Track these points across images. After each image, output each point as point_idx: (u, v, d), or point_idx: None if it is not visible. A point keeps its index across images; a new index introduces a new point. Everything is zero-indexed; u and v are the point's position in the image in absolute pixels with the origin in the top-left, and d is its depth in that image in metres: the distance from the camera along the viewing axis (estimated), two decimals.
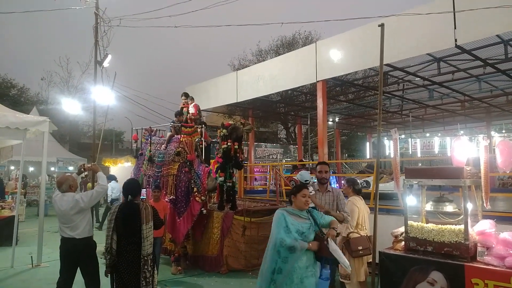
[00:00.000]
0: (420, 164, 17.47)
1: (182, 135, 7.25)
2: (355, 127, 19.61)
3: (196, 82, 12.51)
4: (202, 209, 6.82)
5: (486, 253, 4.02)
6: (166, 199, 6.96)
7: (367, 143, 19.88)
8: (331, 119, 16.86)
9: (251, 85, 9.93)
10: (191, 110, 8.01)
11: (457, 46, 6.45)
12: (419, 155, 18.18)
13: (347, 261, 3.49)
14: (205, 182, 6.77)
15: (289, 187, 8.97)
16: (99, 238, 4.75)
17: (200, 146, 7.39)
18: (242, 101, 10.79)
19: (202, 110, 12.75)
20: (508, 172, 4.03)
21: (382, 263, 4.58)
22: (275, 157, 22.33)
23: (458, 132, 16.58)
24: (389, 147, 19.97)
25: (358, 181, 6.62)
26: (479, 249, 4.13)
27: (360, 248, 4.92)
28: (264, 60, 22.03)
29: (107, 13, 9.68)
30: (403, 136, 20.71)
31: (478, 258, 4.05)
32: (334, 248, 3.38)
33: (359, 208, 5.12)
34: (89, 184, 11.69)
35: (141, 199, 4.60)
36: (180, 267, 6.81)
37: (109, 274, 3.91)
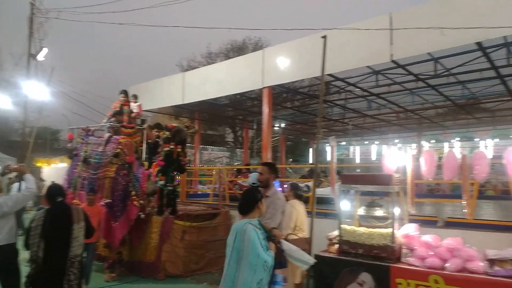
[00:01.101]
0: (358, 170, 18.43)
1: (121, 136, 6.97)
2: (300, 133, 20.18)
3: (140, 81, 12.10)
4: (140, 213, 6.58)
5: (409, 254, 4.33)
6: (102, 203, 6.63)
7: (310, 149, 20.55)
8: (277, 125, 17.20)
9: (198, 87, 9.83)
10: (136, 109, 7.70)
11: (392, 61, 6.91)
12: (358, 161, 19.16)
13: (311, 257, 3.28)
14: (144, 186, 6.56)
15: (233, 191, 8.98)
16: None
17: (141, 148, 7.15)
18: (188, 103, 10.63)
19: (146, 111, 12.38)
20: (431, 179, 4.38)
21: (316, 266, 4.72)
22: (221, 160, 22.25)
23: (392, 141, 17.76)
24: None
25: (299, 185, 6.80)
26: (403, 251, 4.44)
27: None
28: (214, 63, 21.94)
29: (45, 4, 9.05)
30: (344, 143, 21.71)
31: (402, 259, 4.35)
32: (293, 248, 3.17)
33: (297, 210, 5.26)
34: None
35: None
36: (114, 274, 6.50)
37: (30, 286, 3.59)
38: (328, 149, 21.11)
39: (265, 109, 8.38)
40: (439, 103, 12.07)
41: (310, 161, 20.11)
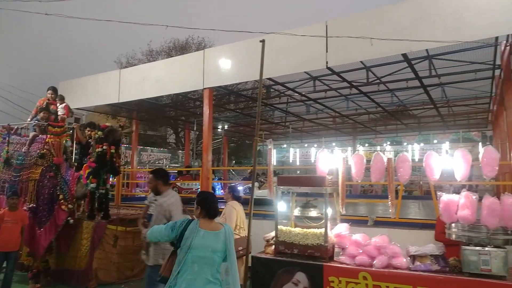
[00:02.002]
0: (298, 172, 18.98)
1: (48, 135, 6.47)
2: (244, 135, 20.30)
3: (73, 77, 11.34)
4: (69, 218, 6.17)
5: (341, 253, 4.53)
6: (25, 208, 6.10)
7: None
8: (220, 126, 17.13)
9: (136, 85, 9.44)
10: (61, 111, 7.11)
11: (328, 68, 7.20)
12: (298, 163, 19.71)
13: None
14: (74, 189, 6.16)
15: None
16: None
17: (70, 148, 6.69)
18: (126, 102, 10.18)
19: (79, 109, 11.67)
20: (359, 181, 4.62)
21: (253, 267, 4.79)
22: (162, 162, 21.64)
23: (330, 144, 18.56)
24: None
25: (240, 187, 6.83)
26: (336, 250, 4.64)
27: (240, 248, 5.06)
28: (155, 61, 21.28)
29: None
30: (285, 146, 22.24)
31: (335, 258, 4.54)
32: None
33: (237, 210, 5.33)
34: None
35: None
36: (38, 284, 6.02)
37: None
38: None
39: (206, 110, 8.30)
40: (371, 109, 12.85)
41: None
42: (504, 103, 8.03)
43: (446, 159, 4.27)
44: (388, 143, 19.82)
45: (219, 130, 17.74)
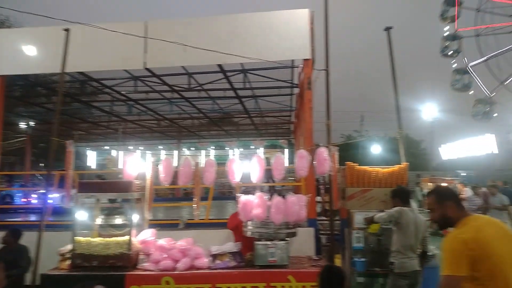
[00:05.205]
0: (120, 176, 17.98)
1: None
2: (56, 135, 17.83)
3: None
4: None
5: (145, 260, 4.41)
6: None
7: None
8: (24, 123, 14.60)
9: None
10: None
11: (146, 69, 6.98)
12: (121, 167, 18.64)
13: None
14: None
15: None
16: None
17: None
18: None
19: None
20: (168, 185, 4.63)
21: (43, 287, 4.16)
22: None
23: (156, 148, 18.27)
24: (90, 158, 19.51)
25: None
26: (141, 257, 4.49)
27: None
28: None
29: None
30: (107, 147, 20.68)
31: (138, 266, 4.38)
32: None
33: None
34: None
35: None
36: None
37: None
38: (88, 153, 19.59)
39: None
40: (195, 114, 13.25)
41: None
42: (299, 116, 9.55)
43: (246, 164, 4.70)
44: (212, 147, 20.89)
45: (23, 127, 15.11)
